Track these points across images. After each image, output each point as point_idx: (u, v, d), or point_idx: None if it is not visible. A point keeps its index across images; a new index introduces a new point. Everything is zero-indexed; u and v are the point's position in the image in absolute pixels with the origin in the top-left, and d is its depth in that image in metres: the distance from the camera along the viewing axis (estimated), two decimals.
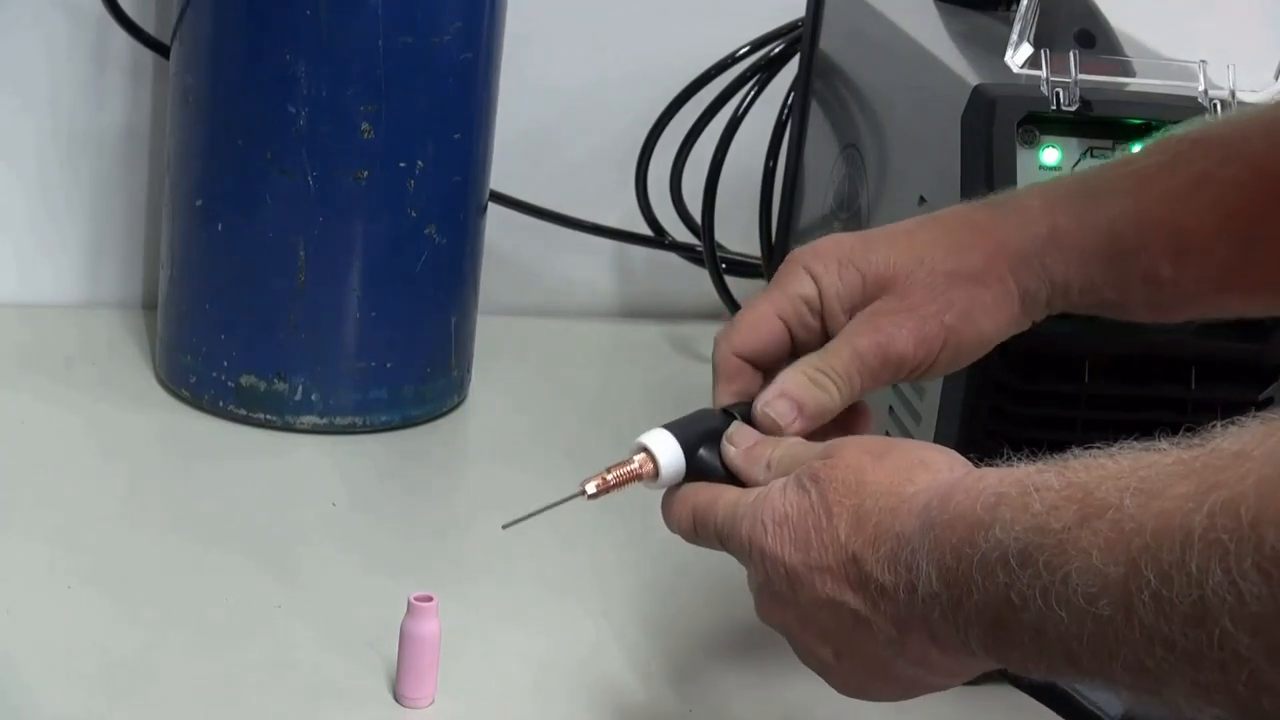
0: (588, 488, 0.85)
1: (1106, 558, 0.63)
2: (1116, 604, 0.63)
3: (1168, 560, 0.61)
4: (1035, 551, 0.66)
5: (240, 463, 1.22)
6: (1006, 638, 0.69)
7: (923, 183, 1.07)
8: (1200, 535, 0.59)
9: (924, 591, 0.72)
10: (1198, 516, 0.60)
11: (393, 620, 1.04)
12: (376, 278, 1.25)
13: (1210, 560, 0.59)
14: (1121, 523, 0.63)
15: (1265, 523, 0.57)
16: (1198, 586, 0.59)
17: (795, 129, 1.31)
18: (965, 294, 0.89)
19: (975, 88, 1.01)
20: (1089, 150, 1.01)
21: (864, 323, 0.89)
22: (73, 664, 0.98)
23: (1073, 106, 1.00)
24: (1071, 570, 0.64)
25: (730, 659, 1.05)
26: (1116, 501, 0.64)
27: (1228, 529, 0.59)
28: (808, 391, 0.87)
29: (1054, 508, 0.66)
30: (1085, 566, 0.64)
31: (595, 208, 1.48)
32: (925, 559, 0.72)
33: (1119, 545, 0.63)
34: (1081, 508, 0.65)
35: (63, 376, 1.30)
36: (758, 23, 1.40)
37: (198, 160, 1.26)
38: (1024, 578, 0.67)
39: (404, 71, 1.21)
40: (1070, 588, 0.65)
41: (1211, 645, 0.59)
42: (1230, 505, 0.59)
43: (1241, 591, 0.58)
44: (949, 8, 1.22)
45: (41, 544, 1.09)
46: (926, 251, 0.90)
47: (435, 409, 1.31)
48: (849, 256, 0.90)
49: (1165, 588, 0.61)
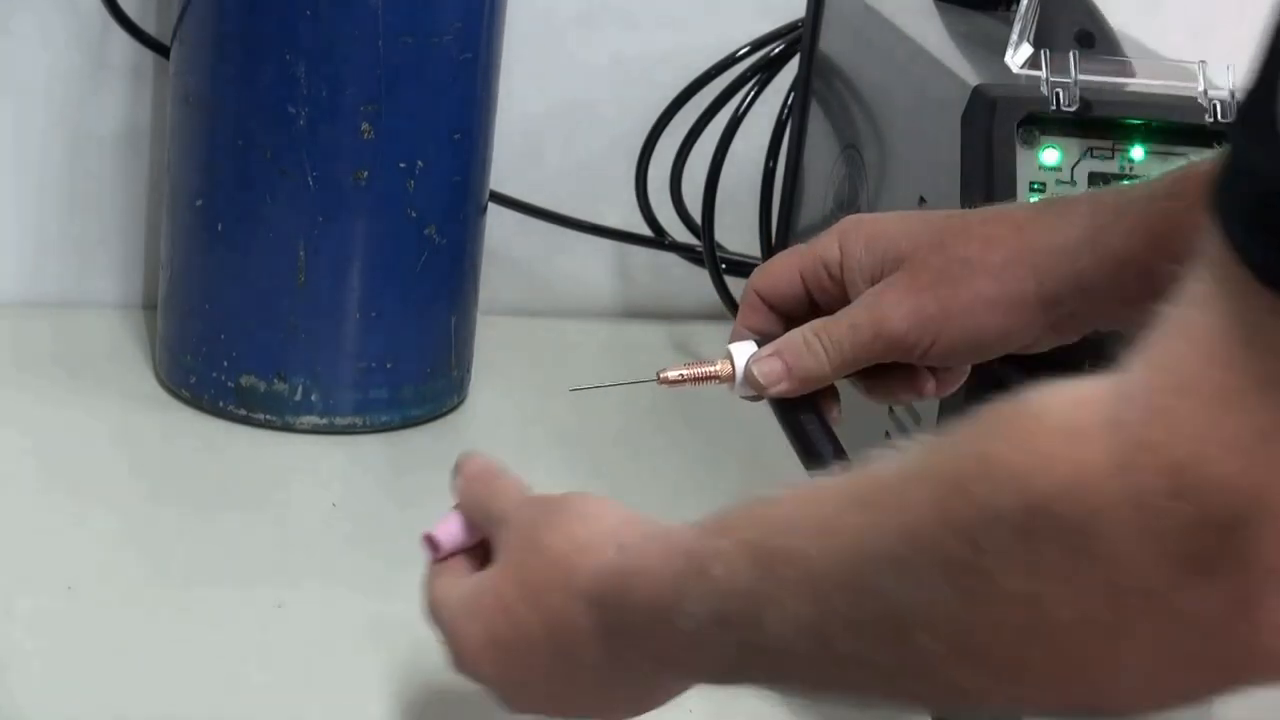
0: (665, 374, 0.88)
1: (798, 600, 0.65)
2: (814, 639, 0.65)
3: (856, 588, 0.63)
4: (730, 616, 0.69)
5: (240, 463, 1.22)
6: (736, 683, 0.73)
7: (923, 183, 1.07)
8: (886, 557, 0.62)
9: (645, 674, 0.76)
10: (880, 542, 0.62)
11: (393, 620, 1.04)
12: (376, 278, 1.25)
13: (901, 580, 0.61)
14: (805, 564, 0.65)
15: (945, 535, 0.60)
16: (888, 603, 0.62)
17: (795, 129, 1.31)
18: (974, 286, 0.88)
19: (975, 88, 1.01)
20: (1089, 150, 1.01)
21: (869, 296, 0.89)
22: (72, 664, 0.98)
23: (1073, 107, 1.00)
24: (765, 621, 0.67)
25: None
26: (794, 546, 0.66)
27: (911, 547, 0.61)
28: (799, 355, 0.88)
29: (735, 570, 0.68)
30: (780, 615, 0.66)
31: (595, 208, 1.48)
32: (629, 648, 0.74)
33: (806, 586, 0.65)
34: (763, 562, 0.67)
35: (63, 377, 1.30)
36: (758, 23, 1.40)
37: (198, 160, 1.26)
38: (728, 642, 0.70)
39: (404, 71, 1.21)
40: (770, 637, 0.67)
41: (913, 661, 0.62)
42: (908, 525, 0.61)
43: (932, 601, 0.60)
44: (949, 8, 1.22)
45: (41, 544, 1.09)
46: (951, 236, 0.89)
47: (435, 409, 1.31)
48: (883, 229, 0.90)
49: (856, 612, 0.63)
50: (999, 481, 0.58)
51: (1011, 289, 0.88)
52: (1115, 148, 1.01)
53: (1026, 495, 0.57)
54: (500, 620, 0.78)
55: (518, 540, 0.79)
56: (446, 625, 0.81)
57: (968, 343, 0.88)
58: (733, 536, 0.69)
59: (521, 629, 0.77)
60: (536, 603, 0.77)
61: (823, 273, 0.90)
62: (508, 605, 0.78)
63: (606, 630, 0.75)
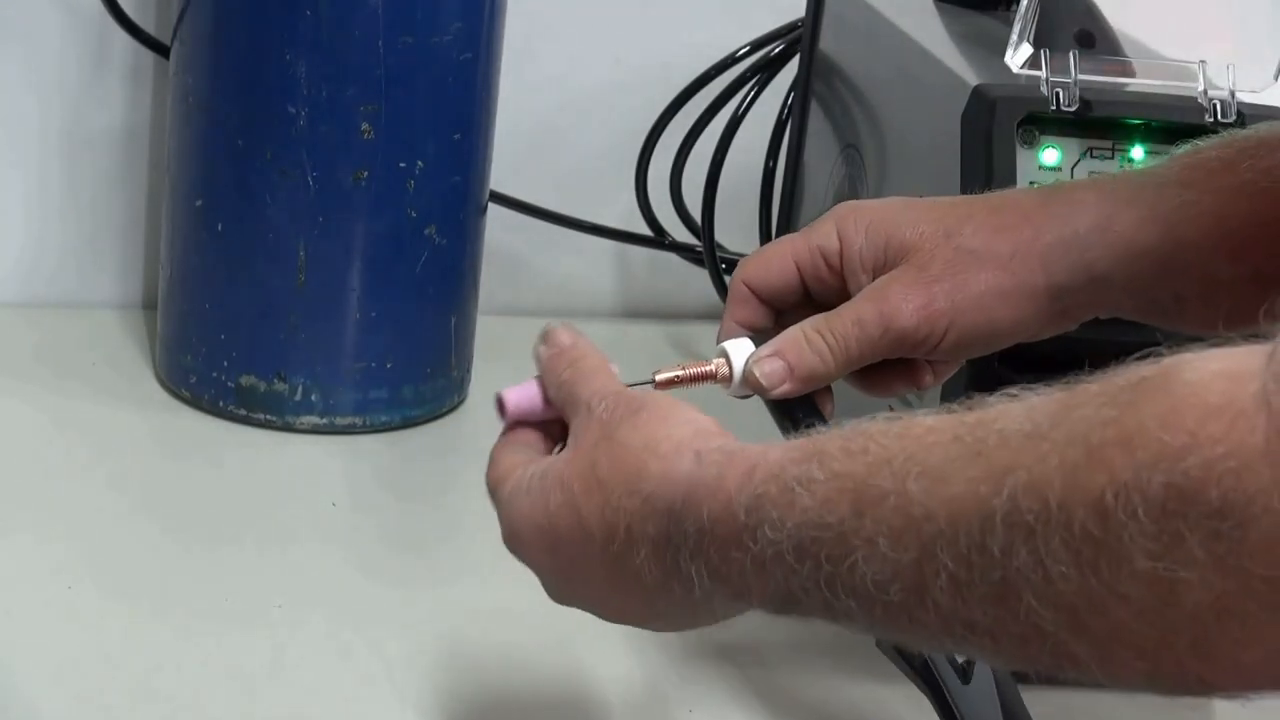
0: (659, 375, 0.84)
1: (896, 544, 0.63)
2: (909, 589, 0.63)
3: (965, 544, 0.61)
4: (812, 546, 0.66)
5: (240, 463, 1.22)
6: (796, 613, 0.69)
7: (923, 183, 1.07)
8: (1002, 518, 0.59)
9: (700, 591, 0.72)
10: (997, 500, 0.60)
11: (392, 620, 1.04)
12: (376, 278, 1.25)
13: (1014, 542, 0.59)
14: (908, 508, 0.63)
15: (1074, 504, 0.57)
16: (1000, 568, 0.60)
17: (795, 129, 1.31)
18: (983, 277, 0.86)
19: (975, 88, 1.01)
20: (1089, 150, 1.01)
21: (875, 290, 0.86)
22: (72, 664, 0.98)
23: (1072, 107, 1.00)
24: (858, 559, 0.64)
25: (730, 659, 1.05)
26: (896, 488, 0.63)
27: (1032, 510, 0.58)
28: (802, 354, 0.85)
29: (826, 500, 0.66)
30: (872, 555, 0.64)
31: (595, 208, 1.48)
32: (688, 561, 0.71)
33: (908, 532, 0.63)
34: (857, 499, 0.65)
35: (63, 377, 1.30)
36: (758, 23, 1.40)
37: (198, 160, 1.26)
38: (803, 571, 0.67)
39: (404, 71, 1.21)
40: (857, 577, 0.64)
41: (1014, 621, 0.60)
42: (1033, 487, 0.59)
43: (1049, 571, 0.58)
44: (949, 8, 1.22)
45: (41, 544, 1.09)
46: (958, 226, 0.86)
47: (435, 409, 1.31)
48: (883, 217, 0.87)
49: (963, 570, 0.61)
50: (1143, 457, 0.56)
51: (1022, 279, 0.86)
52: (1115, 148, 1.01)
53: (1173, 475, 0.55)
54: (562, 510, 0.75)
55: (594, 431, 0.76)
56: (504, 500, 0.78)
57: (978, 335, 0.87)
58: (826, 467, 0.66)
59: (581, 522, 0.74)
60: (601, 499, 0.74)
61: (820, 262, 0.88)
62: (571, 496, 0.75)
63: (668, 539, 0.72)
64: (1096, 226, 0.86)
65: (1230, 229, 0.86)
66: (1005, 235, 0.86)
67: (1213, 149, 0.89)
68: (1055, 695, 1.02)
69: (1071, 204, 0.87)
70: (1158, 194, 0.86)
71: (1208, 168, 0.87)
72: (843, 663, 1.06)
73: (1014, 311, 0.86)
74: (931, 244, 0.86)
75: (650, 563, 0.72)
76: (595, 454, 0.75)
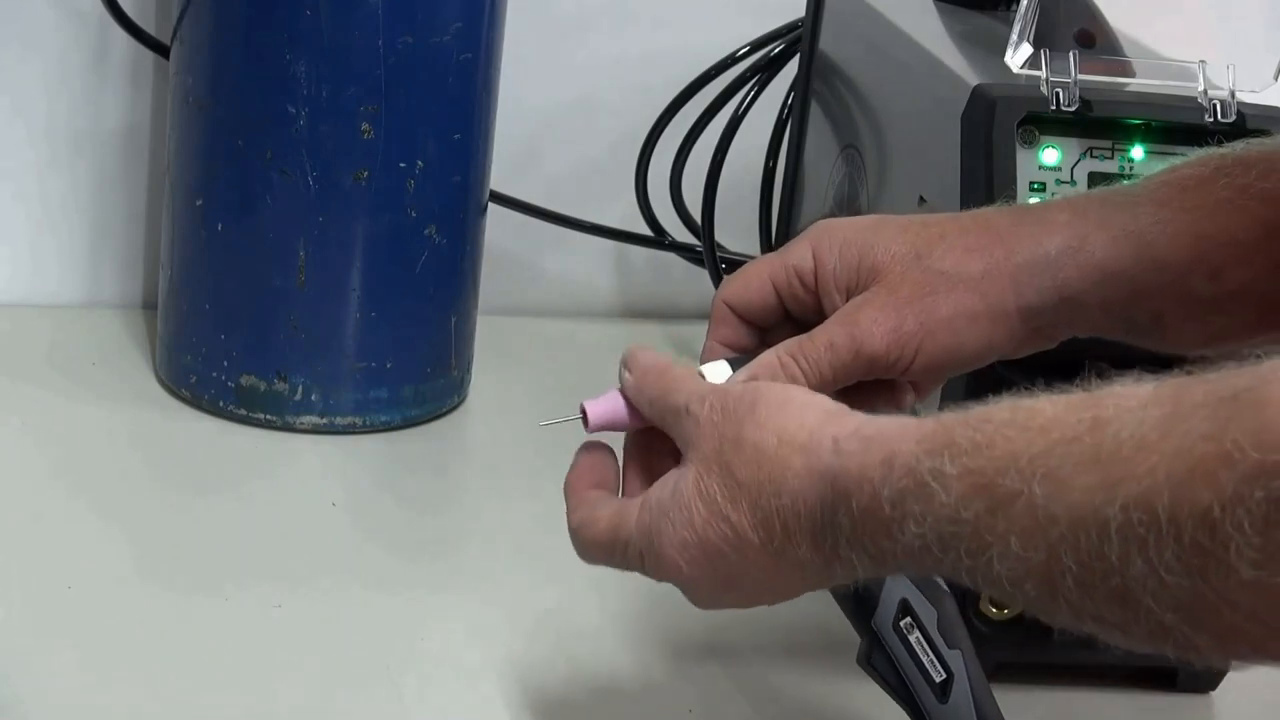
0: None
1: (1026, 544, 0.65)
2: (1041, 586, 0.65)
3: (1085, 549, 0.63)
4: (952, 540, 0.68)
5: (240, 463, 1.22)
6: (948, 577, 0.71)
7: (923, 183, 1.07)
8: (1117, 529, 0.62)
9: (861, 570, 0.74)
10: (1110, 510, 0.62)
11: (392, 620, 1.04)
12: (376, 278, 1.25)
13: (1129, 551, 0.61)
14: (1034, 511, 0.65)
15: (1183, 517, 0.59)
16: (1119, 575, 0.62)
17: (795, 129, 1.31)
18: (953, 299, 0.86)
19: (975, 88, 1.01)
20: (1089, 150, 1.01)
21: (846, 314, 0.86)
22: (72, 664, 0.98)
23: (1072, 107, 1.00)
24: (993, 556, 0.66)
25: (730, 659, 1.05)
26: (1023, 489, 0.65)
27: (1144, 523, 0.61)
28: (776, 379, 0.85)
29: (961, 497, 0.67)
30: (1005, 552, 0.66)
31: (595, 208, 1.48)
32: (847, 548, 0.73)
33: (1037, 533, 0.65)
34: (989, 497, 0.66)
35: (63, 377, 1.30)
36: (758, 23, 1.40)
37: (198, 160, 1.26)
38: (948, 561, 0.69)
39: (404, 71, 1.21)
40: (994, 572, 0.66)
41: (1137, 620, 0.62)
42: (1143, 500, 0.61)
43: (1163, 579, 0.60)
44: (949, 8, 1.22)
45: (41, 544, 1.09)
46: (928, 247, 0.87)
47: (435, 409, 1.31)
48: (856, 237, 0.88)
49: (1086, 574, 0.63)
50: (1243, 474, 0.58)
51: (992, 301, 0.86)
52: (1115, 148, 1.01)
53: (1271, 490, 0.57)
54: (710, 524, 0.76)
55: (712, 437, 0.77)
56: (636, 543, 0.79)
57: (949, 357, 0.87)
58: (957, 462, 0.68)
59: (734, 529, 0.75)
60: (750, 503, 0.75)
61: (796, 282, 0.88)
62: (716, 507, 0.76)
63: (825, 529, 0.73)
64: (1069, 247, 0.86)
65: (1206, 248, 0.86)
66: (976, 256, 0.86)
67: (1189, 167, 0.89)
68: (1052, 695, 1.02)
69: (1044, 224, 0.87)
70: (1131, 213, 0.87)
71: (1182, 186, 0.88)
72: (843, 663, 1.06)
73: (984, 333, 0.86)
74: (902, 265, 0.86)
75: (812, 553, 0.74)
76: (726, 459, 0.76)
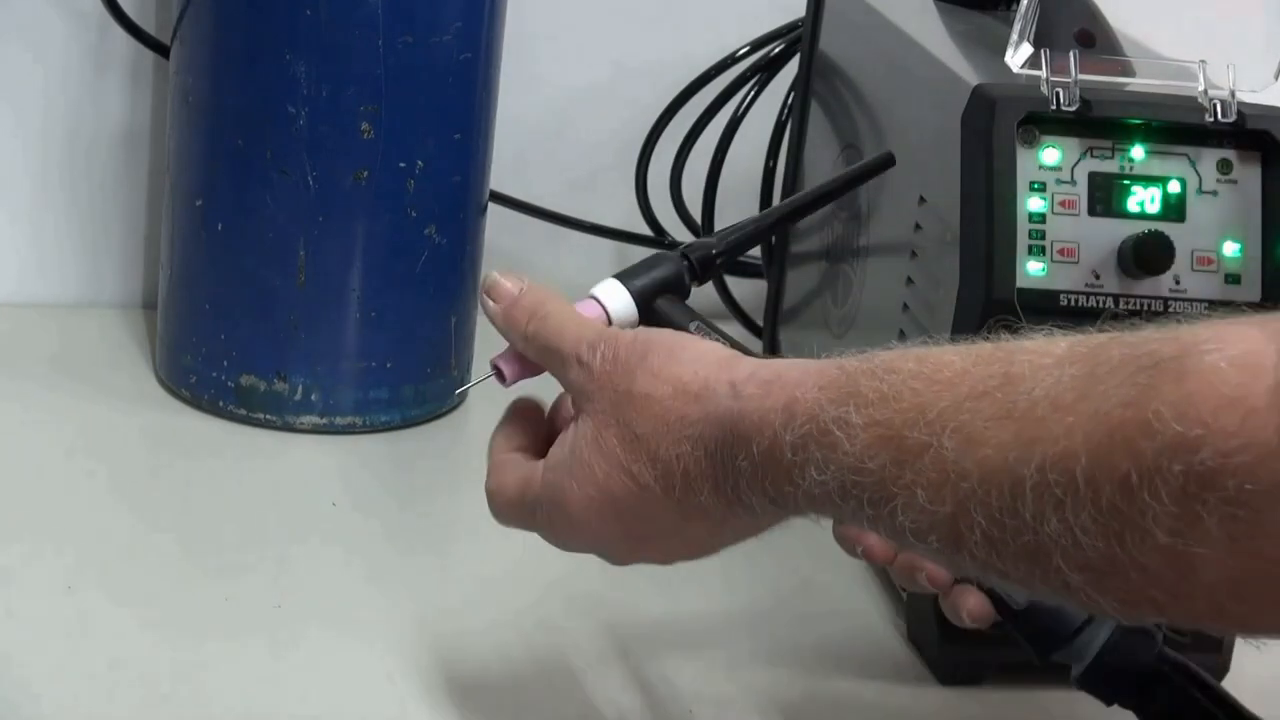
0: None
1: (933, 497, 0.65)
2: (946, 539, 0.65)
3: (997, 506, 0.63)
4: (854, 489, 0.68)
5: (240, 463, 1.22)
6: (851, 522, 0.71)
7: (923, 183, 1.07)
8: (1032, 487, 0.61)
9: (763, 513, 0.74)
10: (1025, 469, 0.62)
11: (393, 620, 1.04)
12: (376, 278, 1.25)
13: (1045, 510, 0.61)
14: (944, 464, 0.65)
15: (1101, 480, 0.59)
16: (1031, 532, 0.62)
17: (795, 129, 1.31)
18: None
19: (975, 88, 1.01)
20: (1089, 150, 1.01)
21: None
22: (72, 665, 0.98)
23: (1073, 106, 1.00)
24: (898, 506, 0.66)
25: (730, 659, 1.05)
26: (931, 442, 0.65)
27: (1060, 484, 0.61)
28: None
29: (866, 446, 0.67)
30: (910, 504, 0.66)
31: (595, 208, 1.48)
32: (748, 491, 0.73)
33: (945, 487, 0.64)
34: (896, 449, 0.66)
35: (63, 377, 1.30)
36: (758, 23, 1.40)
37: (197, 160, 1.26)
38: (848, 509, 0.69)
39: (404, 71, 1.21)
40: (897, 522, 0.66)
41: (1045, 577, 0.62)
42: (1060, 462, 0.61)
43: (1078, 539, 0.60)
44: (949, 8, 1.22)
45: (41, 544, 1.09)
46: None
47: (435, 409, 1.31)
48: None
49: (996, 529, 0.63)
50: (1163, 445, 0.58)
51: None
52: (1115, 147, 1.01)
53: (1190, 464, 0.57)
54: (612, 476, 0.76)
55: (606, 390, 0.77)
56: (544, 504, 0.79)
57: None
58: (862, 412, 0.68)
59: (635, 480, 0.76)
60: (649, 454, 0.75)
61: None
62: (616, 460, 0.76)
63: (725, 473, 0.73)
64: None
65: None
66: None
67: None
68: (1052, 695, 1.02)
69: None
70: None
71: None
72: (843, 663, 1.06)
73: None
74: None
75: (713, 498, 0.74)
76: (622, 413, 0.76)
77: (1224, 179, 1.01)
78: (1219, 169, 1.01)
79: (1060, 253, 0.99)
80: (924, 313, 1.05)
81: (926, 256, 1.06)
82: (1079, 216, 1.00)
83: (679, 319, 0.86)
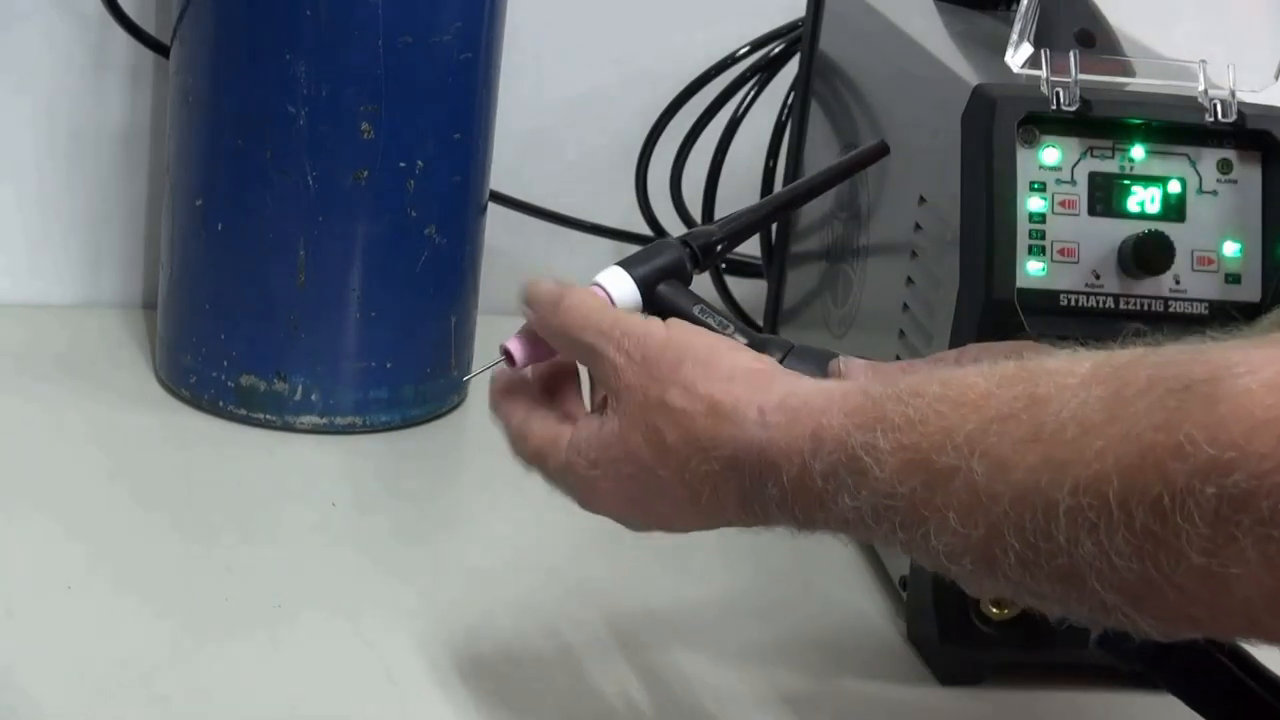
0: None
1: (965, 520, 0.65)
2: (980, 561, 0.65)
3: (1031, 529, 0.63)
4: (887, 513, 0.68)
5: (240, 463, 1.22)
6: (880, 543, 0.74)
7: (923, 183, 1.07)
8: (1065, 511, 0.62)
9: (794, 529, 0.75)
10: (1058, 493, 0.62)
11: (393, 620, 1.04)
12: (376, 278, 1.25)
13: (1078, 534, 0.61)
14: (974, 488, 0.65)
15: (1134, 504, 0.60)
16: (1065, 555, 0.62)
17: (795, 129, 1.31)
18: None
19: (975, 88, 1.01)
20: (1089, 150, 1.01)
21: None
22: (72, 664, 0.98)
23: (1073, 106, 1.00)
24: (930, 530, 0.67)
25: (730, 658, 1.05)
26: (961, 466, 0.65)
27: (1094, 507, 0.61)
28: None
29: (896, 472, 0.68)
30: (943, 527, 0.66)
31: (595, 208, 1.48)
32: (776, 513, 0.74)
33: (977, 510, 0.65)
34: (926, 473, 0.67)
35: (63, 377, 1.30)
36: (758, 23, 1.40)
37: (197, 160, 1.26)
38: (880, 532, 0.69)
39: (404, 71, 1.21)
40: (930, 545, 0.67)
41: (1080, 598, 0.63)
42: (1093, 485, 0.61)
43: (1113, 561, 0.61)
44: (949, 8, 1.22)
45: (41, 544, 1.09)
46: None
47: (435, 409, 1.31)
48: None
49: (1030, 552, 0.63)
50: (1195, 468, 0.58)
51: None
52: (1115, 147, 1.01)
53: (1224, 486, 0.58)
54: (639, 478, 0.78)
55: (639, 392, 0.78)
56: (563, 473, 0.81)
57: None
58: (889, 437, 0.68)
59: (663, 486, 0.77)
60: (678, 465, 0.76)
61: None
62: (645, 466, 0.78)
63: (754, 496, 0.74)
64: None
65: None
66: None
67: None
68: (1052, 695, 1.02)
69: None
70: None
71: None
72: (843, 662, 1.06)
73: None
74: None
75: (738, 513, 0.76)
76: (654, 420, 0.77)
77: (1224, 179, 1.01)
78: (1219, 169, 1.01)
79: (1060, 253, 0.99)
80: (924, 313, 1.05)
81: (927, 256, 1.06)
82: (1079, 216, 1.00)
83: (683, 304, 0.87)
